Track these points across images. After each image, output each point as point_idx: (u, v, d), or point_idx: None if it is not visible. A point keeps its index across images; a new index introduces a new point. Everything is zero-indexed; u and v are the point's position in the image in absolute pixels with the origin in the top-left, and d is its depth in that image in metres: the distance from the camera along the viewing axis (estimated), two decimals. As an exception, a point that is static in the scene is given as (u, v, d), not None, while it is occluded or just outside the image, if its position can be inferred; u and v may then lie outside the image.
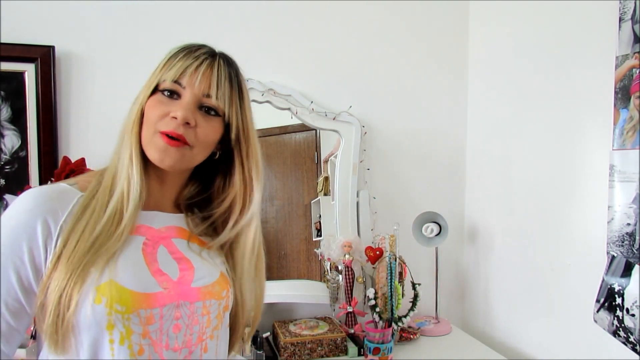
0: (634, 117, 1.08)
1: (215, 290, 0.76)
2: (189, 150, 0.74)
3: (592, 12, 1.27)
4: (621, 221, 1.11)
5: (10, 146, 1.38)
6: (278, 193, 1.72)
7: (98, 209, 0.70)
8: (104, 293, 0.65)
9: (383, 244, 1.58)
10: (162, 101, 0.73)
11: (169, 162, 0.73)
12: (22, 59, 1.36)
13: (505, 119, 1.64)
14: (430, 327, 1.64)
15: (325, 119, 1.62)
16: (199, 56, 0.75)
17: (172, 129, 0.71)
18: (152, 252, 0.73)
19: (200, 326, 0.73)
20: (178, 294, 0.72)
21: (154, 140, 0.72)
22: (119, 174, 0.74)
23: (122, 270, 0.68)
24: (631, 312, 1.08)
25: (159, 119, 0.72)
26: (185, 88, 0.73)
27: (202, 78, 0.73)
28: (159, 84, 0.74)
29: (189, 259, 0.77)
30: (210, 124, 0.75)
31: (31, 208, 0.67)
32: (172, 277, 0.72)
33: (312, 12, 1.65)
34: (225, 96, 0.75)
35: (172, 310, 0.70)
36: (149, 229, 0.76)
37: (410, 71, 1.77)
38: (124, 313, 0.66)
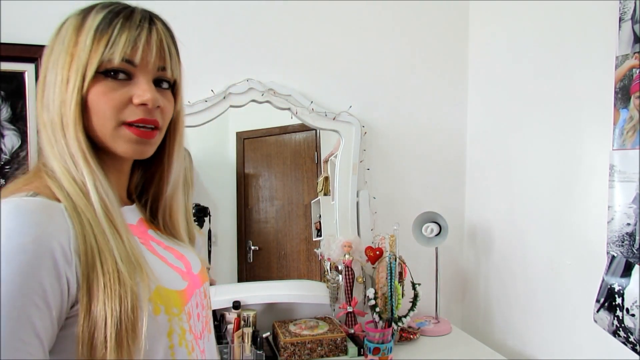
0: (634, 117, 1.08)
1: (203, 273, 0.76)
2: (159, 135, 0.66)
3: (592, 12, 1.27)
4: (621, 221, 1.11)
5: (10, 146, 1.38)
6: (278, 193, 1.72)
7: (92, 220, 0.58)
8: (159, 301, 0.60)
9: (383, 244, 1.58)
10: (112, 87, 0.60)
11: (148, 153, 0.65)
12: (22, 59, 1.36)
13: (505, 119, 1.64)
14: (430, 327, 1.64)
15: (325, 119, 1.62)
16: (140, 24, 0.62)
17: (143, 116, 0.62)
18: (153, 249, 0.68)
19: (206, 309, 0.73)
20: (194, 284, 0.70)
21: (121, 134, 0.62)
22: (73, 177, 0.60)
23: (161, 272, 0.63)
24: (631, 312, 1.08)
25: (118, 109, 0.61)
26: (137, 66, 0.61)
27: (153, 51, 0.62)
28: (102, 64, 0.59)
29: (172, 247, 0.73)
30: (167, 98, 0.67)
31: (45, 234, 0.52)
32: (182, 269, 0.70)
33: (312, 12, 1.65)
34: (175, 63, 0.67)
35: (195, 300, 0.69)
36: (133, 227, 0.68)
37: (410, 71, 1.77)
38: (178, 315, 0.63)
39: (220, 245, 1.63)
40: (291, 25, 1.63)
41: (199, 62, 1.53)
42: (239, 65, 1.56)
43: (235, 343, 1.36)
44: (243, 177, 1.68)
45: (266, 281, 1.65)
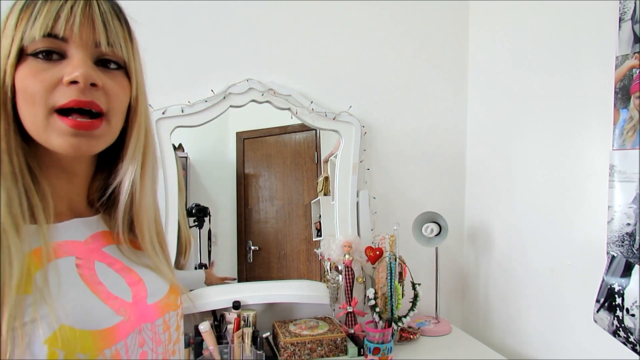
0: (634, 117, 1.08)
1: (170, 301, 0.64)
2: (107, 126, 0.56)
3: (592, 12, 1.27)
4: (621, 221, 1.11)
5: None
6: (278, 193, 1.72)
7: None
8: (58, 345, 0.48)
9: (383, 244, 1.58)
10: (40, 68, 0.52)
11: (86, 148, 0.55)
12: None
13: (505, 119, 1.64)
14: (430, 327, 1.64)
15: (325, 119, 1.62)
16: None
17: (75, 97, 0.52)
18: (92, 274, 0.57)
19: (163, 345, 0.61)
20: (137, 318, 0.58)
21: (52, 124, 0.52)
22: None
23: (71, 309, 0.51)
24: (631, 312, 1.08)
25: (47, 92, 0.52)
26: (67, 41, 0.52)
27: (83, 21, 0.53)
28: (25, 46, 0.52)
29: (131, 269, 0.62)
30: (117, 81, 0.57)
31: None
32: (125, 299, 0.58)
33: (312, 12, 1.65)
34: (120, 39, 0.56)
35: (136, 338, 0.57)
36: (75, 245, 0.58)
37: (410, 71, 1.77)
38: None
39: (220, 245, 1.63)
40: (291, 25, 1.63)
41: (199, 62, 1.53)
42: (239, 65, 1.56)
43: (235, 343, 1.36)
44: (243, 177, 1.68)
45: (266, 281, 1.65)
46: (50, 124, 0.53)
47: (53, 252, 0.54)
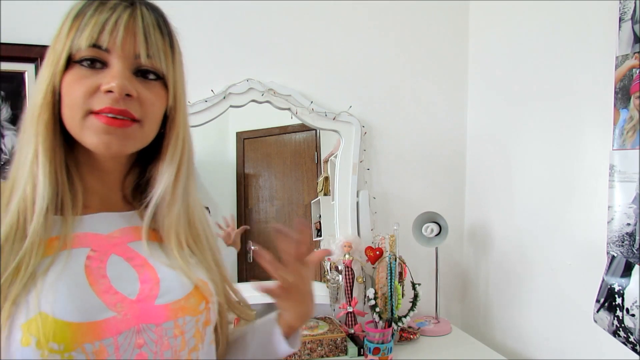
0: (634, 117, 1.08)
1: (189, 305, 0.61)
2: (139, 128, 0.59)
3: (592, 12, 1.27)
4: (621, 221, 1.11)
5: (10, 146, 1.38)
6: (278, 193, 1.72)
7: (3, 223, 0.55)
8: (33, 331, 0.50)
9: (383, 244, 1.58)
10: (83, 75, 0.57)
11: (115, 146, 0.58)
12: (22, 59, 1.36)
13: (505, 119, 1.64)
14: (430, 327, 1.64)
15: (325, 119, 1.62)
16: (114, 7, 0.57)
17: (109, 105, 0.56)
18: (100, 267, 0.58)
19: (172, 351, 0.59)
20: (137, 316, 0.56)
21: (88, 123, 0.57)
22: (19, 177, 0.58)
23: (54, 298, 0.52)
24: (631, 312, 1.08)
25: (86, 96, 0.56)
26: (110, 52, 0.57)
27: (125, 34, 0.57)
28: (73, 54, 0.57)
29: (152, 267, 0.62)
30: (154, 91, 0.60)
31: None
32: (128, 296, 0.57)
33: (312, 12, 1.65)
34: (160, 52, 0.60)
35: (132, 338, 0.56)
36: (96, 237, 0.60)
37: (410, 71, 1.77)
38: (63, 352, 0.51)
39: (220, 246, 1.63)
40: (291, 25, 1.63)
41: (199, 62, 1.53)
42: (239, 65, 1.56)
43: (235, 343, 1.36)
44: (243, 177, 1.68)
45: (266, 281, 1.65)
46: (85, 123, 0.57)
47: (70, 242, 0.57)
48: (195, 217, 0.69)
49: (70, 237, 0.58)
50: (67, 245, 0.57)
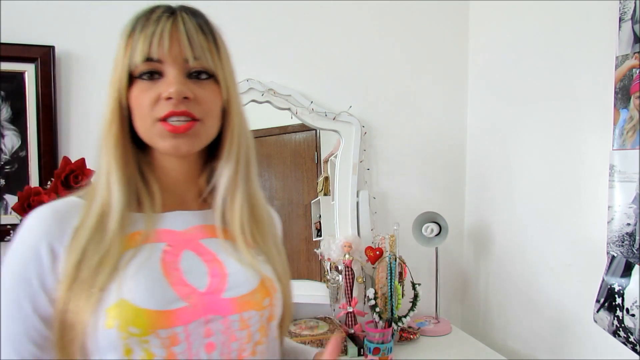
0: (634, 117, 1.08)
1: (254, 300, 0.65)
2: (201, 126, 0.65)
3: (592, 12, 1.27)
4: (621, 221, 1.11)
5: (10, 146, 1.38)
6: (278, 193, 1.72)
7: (91, 220, 0.62)
8: (115, 315, 0.57)
9: (383, 244, 1.58)
10: (145, 88, 0.63)
11: (184, 148, 0.64)
12: (22, 59, 1.36)
13: (505, 119, 1.64)
14: (430, 327, 1.64)
15: (325, 119, 1.62)
16: (158, 19, 0.63)
17: (171, 109, 0.62)
18: (174, 260, 0.64)
19: (239, 342, 0.63)
20: (205, 308, 0.62)
21: (157, 130, 0.63)
22: (99, 185, 0.65)
23: (134, 287, 0.59)
24: (631, 312, 1.08)
25: (151, 106, 0.63)
26: (162, 62, 0.62)
27: (172, 42, 0.62)
28: (132, 70, 0.63)
29: (221, 262, 0.66)
30: (208, 89, 0.65)
31: (35, 231, 0.61)
32: (198, 288, 0.62)
33: (312, 12, 1.65)
34: (205, 52, 0.64)
35: (201, 327, 0.61)
36: (171, 233, 0.66)
37: (410, 71, 1.77)
38: (140, 335, 0.57)
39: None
40: (291, 25, 1.63)
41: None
42: (239, 65, 1.53)
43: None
44: (243, 177, 1.68)
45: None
46: (154, 130, 0.64)
47: (149, 237, 0.64)
48: (258, 208, 0.73)
49: (150, 233, 0.64)
50: (147, 240, 0.64)
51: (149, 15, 0.64)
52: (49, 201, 1.26)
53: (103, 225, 0.62)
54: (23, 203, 1.22)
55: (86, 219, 0.62)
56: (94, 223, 0.62)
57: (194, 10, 0.67)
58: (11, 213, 1.34)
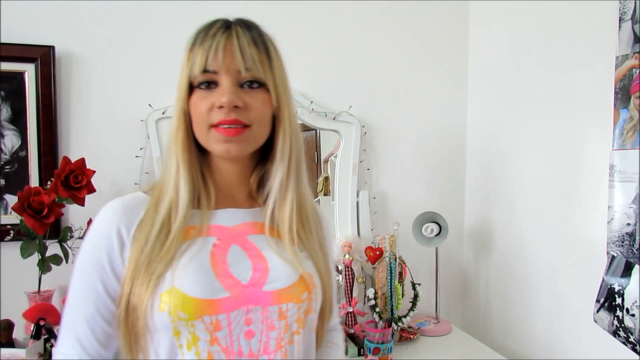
0: (634, 117, 1.08)
1: (293, 293, 0.71)
2: (250, 132, 0.70)
3: (592, 12, 1.27)
4: (621, 221, 1.11)
5: (10, 146, 1.38)
6: (278, 193, 1.71)
7: (155, 213, 0.71)
8: (167, 300, 0.65)
9: (383, 244, 1.58)
10: (203, 96, 0.70)
11: (234, 151, 0.70)
12: (22, 59, 1.36)
13: (505, 119, 1.64)
14: (430, 327, 1.64)
15: (325, 119, 1.62)
16: (215, 34, 0.70)
17: (222, 117, 0.68)
18: (222, 254, 0.70)
19: (278, 332, 0.69)
20: (247, 299, 0.68)
21: (211, 136, 0.70)
22: (167, 183, 0.73)
23: (185, 276, 0.66)
24: (631, 312, 1.08)
25: (207, 113, 0.69)
26: (218, 72, 0.69)
27: (226, 55, 0.69)
28: (192, 80, 0.70)
29: (265, 258, 0.72)
30: (258, 98, 0.71)
31: (107, 219, 0.70)
32: (241, 280, 0.69)
33: (311, 12, 1.64)
34: (256, 63, 0.70)
35: (242, 316, 0.67)
36: (221, 229, 0.73)
37: (410, 71, 1.77)
38: (188, 320, 0.65)
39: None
40: (291, 26, 1.63)
41: (199, 62, 1.53)
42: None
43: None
44: (243, 177, 1.68)
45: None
46: (209, 135, 0.70)
47: (205, 232, 0.71)
48: (305, 209, 0.79)
49: (204, 227, 0.71)
50: (200, 234, 0.71)
51: (207, 29, 0.72)
52: (49, 201, 1.26)
53: (169, 219, 0.70)
54: (23, 203, 1.22)
55: (151, 212, 0.70)
56: (162, 217, 0.69)
57: (249, 24, 0.76)
58: (11, 213, 1.34)
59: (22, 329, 1.30)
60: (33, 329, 1.20)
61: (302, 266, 0.73)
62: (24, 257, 1.27)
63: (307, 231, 0.78)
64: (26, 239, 1.29)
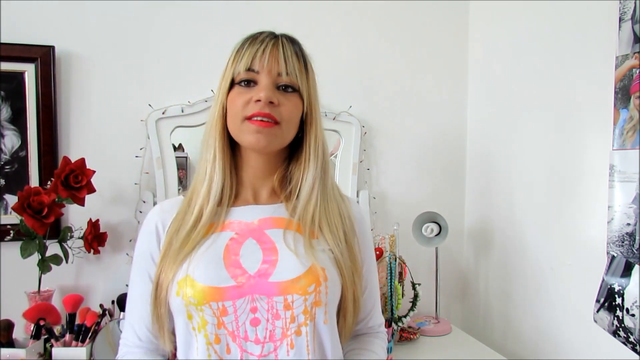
0: (634, 117, 1.08)
1: (299, 285, 0.74)
2: (279, 129, 0.77)
3: (592, 12, 1.27)
4: (621, 221, 1.11)
5: (10, 146, 1.38)
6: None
7: (185, 212, 0.80)
8: (182, 287, 0.73)
9: (383, 244, 1.58)
10: (241, 92, 0.77)
11: (263, 142, 0.76)
12: (22, 59, 1.36)
13: (505, 119, 1.64)
14: (430, 327, 1.64)
15: (325, 119, 1.61)
16: (263, 40, 0.78)
17: (258, 110, 0.75)
18: (237, 246, 0.77)
19: (283, 321, 0.73)
20: (251, 288, 0.73)
21: (244, 127, 0.77)
22: (202, 176, 0.81)
23: (197, 266, 0.74)
24: (631, 312, 1.08)
25: (243, 106, 0.76)
26: (259, 73, 0.77)
27: (270, 59, 0.77)
28: (234, 77, 0.78)
29: (277, 250, 0.77)
30: (291, 100, 0.79)
31: (151, 220, 0.83)
32: (249, 271, 0.74)
33: (311, 12, 1.65)
34: (295, 70, 0.79)
35: (247, 304, 0.73)
36: (240, 224, 0.80)
37: (410, 71, 1.77)
38: (197, 305, 0.72)
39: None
40: (291, 26, 1.61)
41: (199, 62, 1.53)
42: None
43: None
44: (243, 177, 1.67)
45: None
46: (243, 126, 0.77)
47: (221, 227, 0.79)
48: (332, 207, 0.84)
49: (226, 223, 0.79)
50: (222, 229, 0.79)
51: (256, 36, 0.80)
52: (49, 201, 1.27)
53: (199, 216, 0.79)
54: (23, 203, 1.22)
55: (183, 209, 0.81)
56: (193, 214, 0.79)
57: (292, 39, 0.83)
58: (11, 213, 1.34)
59: (22, 329, 1.30)
60: (33, 329, 1.20)
61: (316, 259, 0.76)
62: (24, 257, 1.27)
63: (333, 227, 0.82)
64: (26, 239, 1.29)
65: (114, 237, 1.46)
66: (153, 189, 1.47)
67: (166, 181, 1.47)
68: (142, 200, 1.46)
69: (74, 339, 1.22)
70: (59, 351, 1.17)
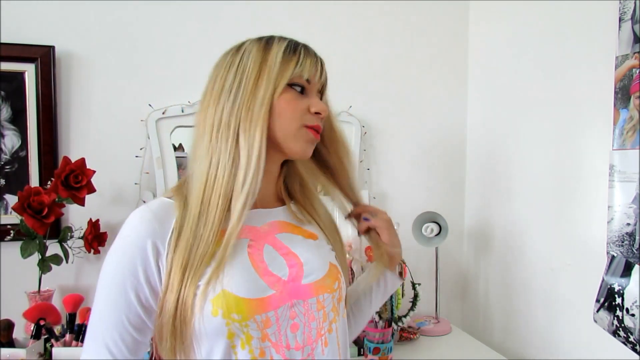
0: (634, 117, 1.08)
1: (327, 284, 0.76)
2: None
3: (592, 12, 1.27)
4: (621, 221, 1.11)
5: (10, 146, 1.38)
6: (278, 193, 1.71)
7: (194, 220, 0.69)
8: (220, 305, 0.66)
9: (383, 244, 1.58)
10: (296, 97, 0.75)
11: (309, 152, 0.78)
12: (22, 59, 1.36)
13: (505, 119, 1.64)
14: (430, 327, 1.64)
15: (325, 119, 1.62)
16: (311, 52, 0.80)
17: (317, 123, 0.76)
18: (259, 254, 0.73)
19: (317, 322, 0.73)
20: (290, 294, 0.72)
21: (301, 133, 0.75)
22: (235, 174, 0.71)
23: (232, 278, 0.68)
24: (631, 312, 1.08)
25: (301, 114, 0.75)
26: (311, 84, 0.77)
27: (321, 72, 0.79)
28: (292, 78, 0.74)
29: (296, 254, 0.76)
30: None
31: (141, 230, 0.70)
32: (282, 277, 0.72)
33: (311, 12, 1.65)
34: (326, 79, 0.82)
35: (287, 311, 0.71)
36: (252, 229, 0.75)
37: (410, 71, 1.77)
38: (242, 321, 0.67)
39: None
40: (291, 25, 1.63)
41: (199, 62, 1.53)
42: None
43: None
44: (243, 177, 1.67)
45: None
46: (300, 133, 0.75)
47: (235, 235, 0.70)
48: (325, 208, 0.89)
49: (238, 230, 0.71)
50: (233, 238, 0.70)
51: (306, 47, 0.79)
52: (49, 201, 1.26)
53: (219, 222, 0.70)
54: (23, 203, 1.22)
55: (186, 217, 0.70)
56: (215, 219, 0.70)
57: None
58: (11, 213, 1.34)
59: (22, 328, 1.30)
60: (33, 328, 1.20)
61: (328, 258, 0.80)
62: (24, 257, 1.27)
63: (330, 226, 0.86)
64: (26, 239, 1.29)
65: (114, 237, 1.43)
66: (153, 189, 1.47)
67: (166, 181, 1.47)
68: (142, 200, 1.46)
69: (74, 338, 1.22)
70: (59, 351, 1.17)
